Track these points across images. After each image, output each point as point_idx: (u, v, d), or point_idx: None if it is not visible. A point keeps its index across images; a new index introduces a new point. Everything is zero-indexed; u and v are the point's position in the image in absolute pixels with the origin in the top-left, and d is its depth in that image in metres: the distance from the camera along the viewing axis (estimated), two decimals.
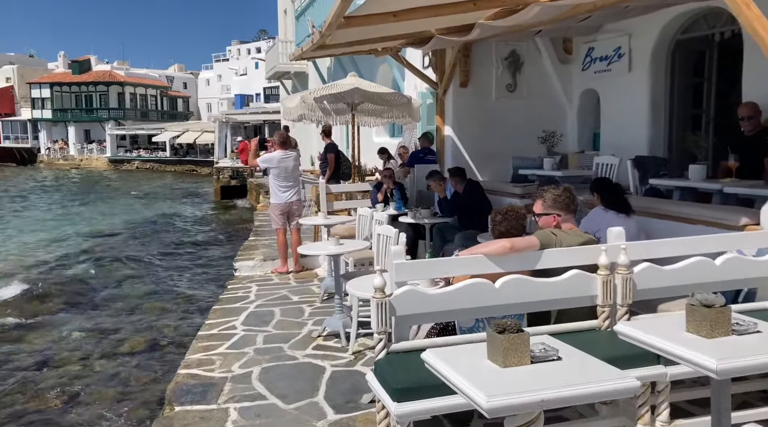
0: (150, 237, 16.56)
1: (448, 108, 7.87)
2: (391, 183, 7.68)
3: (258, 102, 52.16)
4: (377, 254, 5.44)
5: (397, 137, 13.50)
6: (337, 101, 8.24)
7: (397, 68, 12.08)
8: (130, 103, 56.11)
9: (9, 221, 20.54)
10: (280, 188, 7.59)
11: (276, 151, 7.59)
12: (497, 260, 3.02)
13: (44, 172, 47.04)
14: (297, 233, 7.75)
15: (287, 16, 25.09)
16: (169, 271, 11.91)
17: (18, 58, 64.20)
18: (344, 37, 5.59)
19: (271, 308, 6.12)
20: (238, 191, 25.02)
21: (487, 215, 6.50)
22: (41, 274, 12.30)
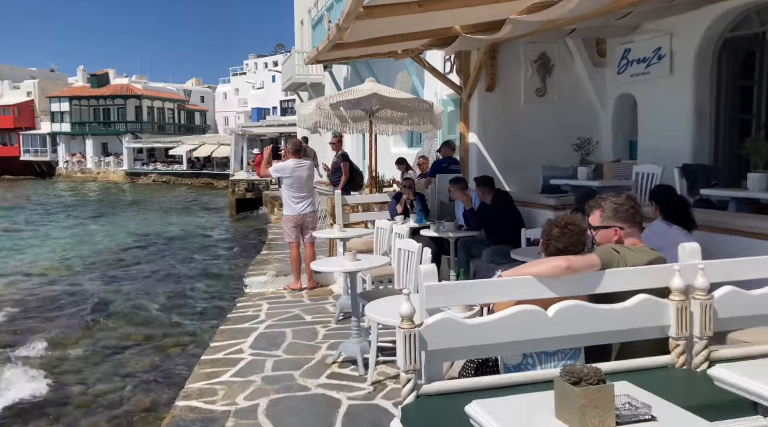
0: (162, 251, 16.20)
1: (473, 114, 7.36)
2: (411, 194, 7.18)
3: (275, 115, 52.17)
4: (398, 271, 4.93)
5: (416, 148, 13.02)
6: (355, 108, 7.81)
7: (416, 75, 11.63)
8: (147, 116, 56.41)
9: (22, 235, 20.33)
10: (293, 199, 7.12)
11: (289, 160, 7.13)
12: (549, 282, 2.49)
13: (61, 185, 47.25)
14: (311, 246, 7.26)
15: (304, 27, 24.85)
16: (180, 285, 11.47)
17: (39, 72, 65.07)
18: (363, 33, 5.12)
19: (282, 329, 5.61)
20: (253, 204, 24.71)
21: (517, 229, 5.99)
22: (47, 287, 11.95)
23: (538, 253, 2.70)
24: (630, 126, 7.68)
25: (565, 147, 7.33)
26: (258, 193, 24.70)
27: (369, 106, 7.89)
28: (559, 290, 2.52)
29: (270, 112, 54.95)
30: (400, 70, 12.52)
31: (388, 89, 7.87)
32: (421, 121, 7.85)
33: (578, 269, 2.48)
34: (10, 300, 10.82)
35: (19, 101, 57.28)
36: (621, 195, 2.83)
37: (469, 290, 2.44)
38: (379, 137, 11.61)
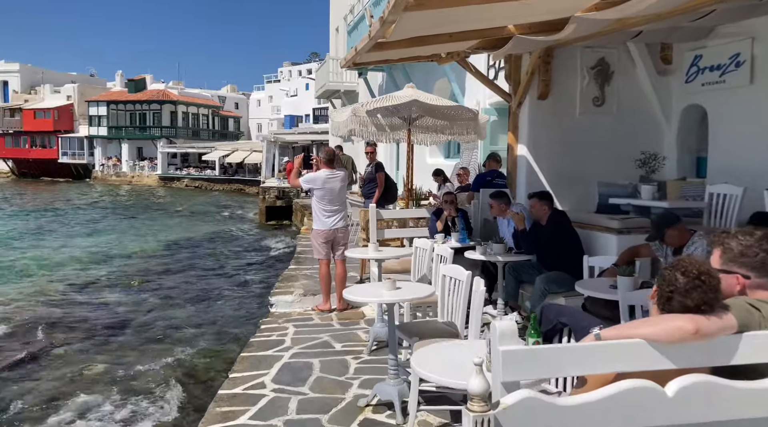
0: (188, 260, 15.83)
1: (523, 124, 6.72)
2: (453, 210, 6.56)
3: (307, 123, 52.14)
4: (442, 300, 4.31)
5: (453, 159, 12.40)
6: (392, 115, 7.25)
7: (457, 82, 11.03)
8: (182, 121, 56.95)
9: (51, 237, 20.28)
10: (324, 213, 6.56)
11: (321, 170, 6.59)
12: (667, 349, 1.85)
13: (96, 187, 47.84)
14: (342, 264, 6.70)
15: (339, 34, 24.51)
16: (203, 301, 11.00)
17: (79, 77, 66.38)
18: (408, 29, 4.56)
19: (309, 360, 5.04)
20: (283, 212, 24.34)
21: (576, 254, 5.32)
22: (71, 295, 11.64)
23: (647, 300, 2.05)
24: (697, 141, 6.95)
25: (623, 162, 6.64)
26: (288, 201, 24.33)
27: (408, 114, 7.32)
28: (679, 359, 1.88)
29: (303, 120, 54.98)
30: (439, 77, 11.93)
31: (429, 96, 7.30)
32: (464, 131, 7.24)
33: (710, 334, 1.84)
34: (28, 310, 10.52)
35: (59, 105, 58.44)
36: (753, 233, 2.16)
37: (564, 357, 1.81)
38: (415, 147, 11.06)
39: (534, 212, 5.26)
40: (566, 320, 3.00)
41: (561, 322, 3.04)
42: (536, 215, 5.27)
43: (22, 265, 14.78)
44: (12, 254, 16.44)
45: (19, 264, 15.01)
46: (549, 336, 3.08)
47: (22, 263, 15.12)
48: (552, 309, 3.13)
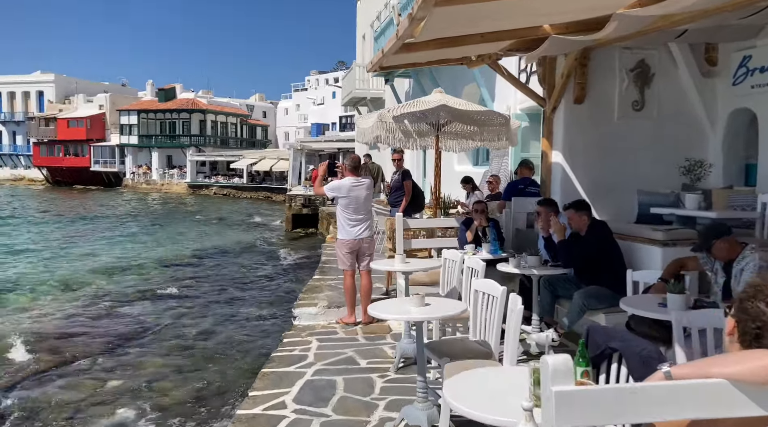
0: (214, 268, 15.74)
1: (558, 129, 6.40)
2: (484, 219, 6.25)
3: (334, 131, 52.21)
4: (475, 318, 4.02)
5: (482, 166, 12.07)
6: (420, 121, 6.98)
7: (486, 87, 10.72)
8: (210, 130, 57.59)
9: (79, 244, 20.48)
10: (348, 222, 6.33)
11: (346, 177, 6.36)
12: (758, 392, 1.54)
13: (127, 195, 48.54)
14: (367, 275, 6.45)
15: (365, 41, 24.40)
16: (228, 311, 10.84)
17: (112, 86, 67.70)
18: (437, 28, 4.31)
19: (332, 377, 4.78)
20: (309, 220, 24.26)
21: (617, 267, 4.97)
22: (96, 304, 11.60)
23: (726, 336, 1.75)
24: (744, 147, 6.53)
25: (664, 169, 6.29)
26: (314, 209, 24.25)
27: (436, 120, 7.05)
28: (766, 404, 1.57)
29: (329, 128, 55.09)
30: (467, 82, 11.64)
31: (458, 101, 7.02)
32: (495, 137, 6.94)
33: None
34: (54, 319, 10.49)
35: (91, 114, 59.64)
36: None
37: (630, 400, 1.52)
38: (442, 154, 10.78)
39: (573, 224, 4.94)
40: (617, 344, 2.68)
41: (611, 347, 2.73)
42: (575, 227, 4.94)
43: (49, 273, 14.86)
44: (40, 262, 16.59)
45: (47, 272, 15.12)
46: (596, 362, 2.77)
47: (49, 271, 15.21)
48: (599, 332, 2.83)
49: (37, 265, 16.15)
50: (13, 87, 64.84)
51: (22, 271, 15.29)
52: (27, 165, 63.95)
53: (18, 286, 13.19)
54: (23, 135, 63.78)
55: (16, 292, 12.46)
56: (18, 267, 15.81)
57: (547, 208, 5.21)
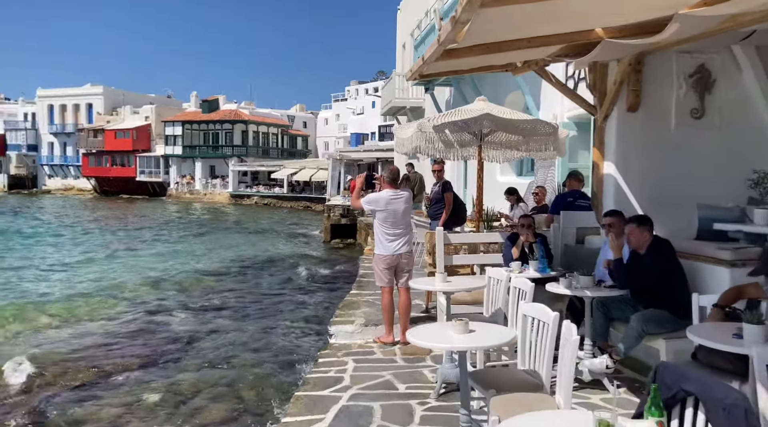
0: (252, 279, 15.70)
1: (610, 139, 6.01)
2: (531, 235, 5.90)
3: (373, 140, 52.24)
4: (523, 345, 3.69)
5: (527, 177, 11.65)
6: (462, 130, 6.68)
7: (531, 95, 10.35)
8: (252, 140, 58.41)
9: (122, 254, 20.80)
10: (386, 236, 6.06)
11: (384, 190, 6.11)
12: None
13: (171, 205, 49.53)
14: (406, 293, 6.16)
15: (405, 50, 24.24)
16: (264, 324, 10.69)
17: (157, 98, 69.52)
18: (482, 33, 4.03)
19: (369, 403, 4.51)
20: (348, 230, 24.16)
21: (680, 289, 4.56)
22: (135, 314, 11.64)
23: None
24: None
25: (728, 181, 5.82)
26: (353, 219, 24.13)
27: (479, 129, 6.74)
28: None
29: (368, 138, 55.15)
30: (511, 89, 11.27)
31: (502, 109, 6.70)
32: (542, 147, 6.58)
33: None
34: (92, 329, 10.55)
35: (137, 125, 61.29)
36: None
37: None
38: (485, 164, 10.44)
39: (632, 240, 4.54)
40: (693, 388, 2.33)
41: (684, 390, 2.38)
42: (635, 244, 4.54)
43: (90, 283, 15.07)
44: (80, 272, 16.86)
45: (88, 282, 15.35)
46: (667, 405, 2.42)
47: (90, 281, 15.43)
48: (670, 372, 2.47)
49: (79, 275, 16.43)
50: (65, 100, 67.25)
51: (64, 281, 15.58)
52: (76, 175, 66.10)
53: (58, 296, 13.38)
54: (73, 146, 66.02)
55: (55, 303, 12.60)
56: (60, 277, 16.12)
57: (613, 218, 4.62)
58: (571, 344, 2.99)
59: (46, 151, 68.81)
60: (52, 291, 14.01)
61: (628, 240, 4.57)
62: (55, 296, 13.41)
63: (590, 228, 6.41)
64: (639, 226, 4.52)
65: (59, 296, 13.32)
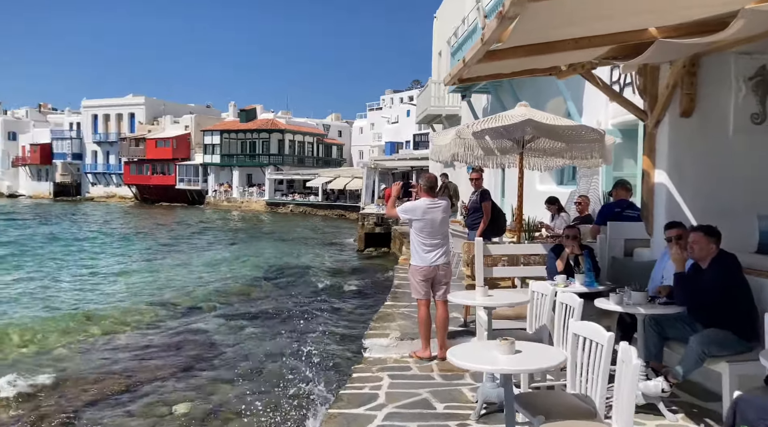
0: (286, 286, 15.63)
1: (662, 146, 5.66)
2: (576, 246, 5.58)
3: (407, 149, 52.09)
4: (574, 369, 3.41)
5: (569, 185, 11.27)
6: (502, 137, 6.43)
7: (573, 101, 10.00)
8: (288, 149, 58.95)
9: (154, 262, 21.02)
10: (423, 247, 5.83)
11: (421, 198, 5.88)
12: None
13: (208, 212, 50.21)
14: (443, 306, 5.91)
15: (441, 58, 24.03)
16: (297, 333, 10.54)
17: (197, 108, 70.90)
18: (528, 30, 3.78)
19: (405, 424, 4.27)
20: (382, 239, 23.99)
21: (747, 308, 4.19)
22: (168, 321, 11.64)
23: None
24: None
25: None
26: (387, 228, 23.96)
27: (521, 136, 6.47)
28: None
29: (403, 146, 55.02)
30: (552, 96, 10.93)
31: (545, 115, 6.42)
32: (587, 154, 6.26)
33: None
34: (124, 336, 10.57)
35: (177, 134, 62.54)
36: None
37: None
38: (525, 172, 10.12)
39: (696, 250, 4.19)
40: None
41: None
42: (698, 255, 4.20)
43: (126, 292, 15.21)
44: (114, 279, 17.07)
45: (122, 288, 15.51)
46: None
47: (127, 289, 15.57)
48: (752, 406, 2.18)
49: (115, 283, 16.63)
50: (108, 110, 69.16)
51: (100, 288, 15.78)
52: (118, 183, 67.76)
53: (97, 305, 13.52)
54: (116, 154, 67.76)
55: (95, 311, 12.72)
56: (97, 286, 16.33)
57: (708, 237, 4.23)
58: (632, 369, 2.71)
59: (90, 159, 70.80)
60: (92, 299, 14.19)
61: (690, 249, 4.22)
62: (94, 304, 13.56)
63: (639, 240, 6.06)
64: (707, 236, 4.18)
65: (98, 305, 13.47)
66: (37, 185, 73.11)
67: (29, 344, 10.12)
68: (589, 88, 9.61)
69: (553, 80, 10.73)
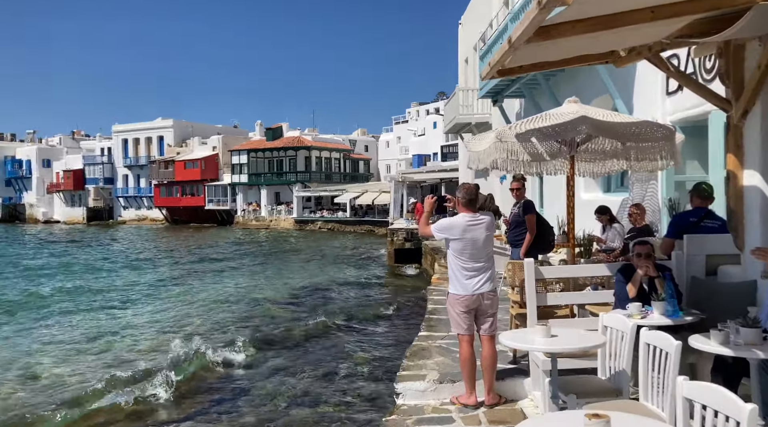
0: (309, 313, 14.66)
1: (752, 141, 4.63)
2: (652, 267, 4.57)
3: (435, 161, 51.17)
4: None
5: (618, 193, 10.18)
6: (550, 139, 5.45)
7: (621, 98, 8.95)
8: (315, 166, 58.56)
9: (180, 286, 20.40)
10: (463, 272, 4.89)
11: (459, 214, 4.95)
12: None
13: (238, 232, 49.82)
14: (490, 342, 4.95)
15: (468, 65, 23.14)
16: (324, 366, 9.62)
17: (224, 128, 71.21)
18: (583, 7, 2.86)
19: None
20: (413, 255, 23.04)
21: None
22: (188, 352, 10.86)
23: None
24: None
25: None
26: (417, 243, 23.02)
27: (573, 136, 5.50)
28: None
29: (430, 159, 54.14)
30: (596, 94, 9.89)
31: (600, 111, 5.46)
32: (654, 155, 5.25)
33: None
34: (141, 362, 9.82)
35: (205, 155, 62.74)
36: None
37: None
38: (561, 179, 9.15)
39: None
40: None
41: None
42: None
43: (147, 319, 14.56)
44: (138, 307, 16.45)
45: (146, 316, 14.86)
46: None
47: (147, 316, 14.92)
48: None
49: (142, 308, 16.01)
50: (138, 134, 69.97)
51: (118, 314, 15.15)
52: (149, 206, 68.24)
53: (104, 333, 12.86)
54: (146, 177, 68.34)
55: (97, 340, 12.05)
56: (112, 310, 15.72)
57: None
58: None
59: (121, 183, 71.59)
60: (113, 324, 13.57)
61: None
62: (116, 328, 12.92)
63: (725, 255, 5.02)
64: None
65: (117, 330, 12.84)
66: (71, 211, 74.14)
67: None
68: (640, 83, 8.58)
69: (596, 77, 9.73)
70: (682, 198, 7.54)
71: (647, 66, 7.92)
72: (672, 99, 7.54)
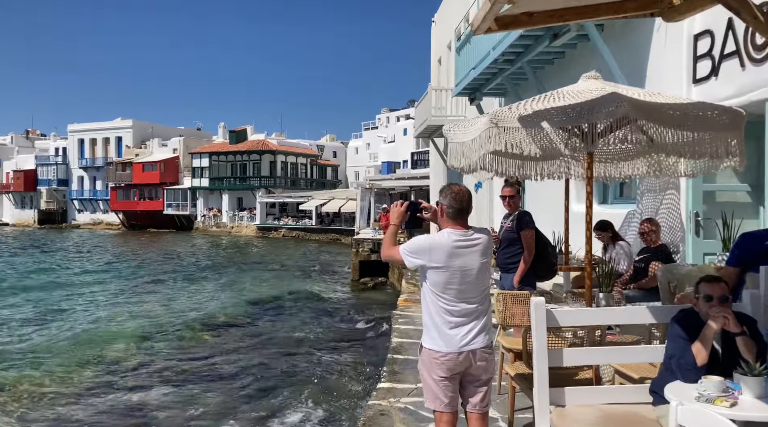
0: (269, 332, 12.86)
1: None
2: (733, 320, 2.98)
3: (405, 168, 49.72)
4: None
5: (618, 205, 8.64)
6: (575, 123, 3.83)
7: (629, 82, 7.44)
8: (280, 171, 56.56)
9: (132, 293, 18.33)
10: (446, 318, 3.20)
11: (443, 230, 3.28)
12: None
13: (197, 239, 47.37)
14: (482, 421, 3.30)
15: (441, 65, 21.71)
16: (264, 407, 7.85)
17: (186, 130, 68.50)
18: None
19: None
20: (379, 268, 21.38)
21: None
22: (100, 383, 8.95)
23: None
24: None
25: None
26: None
27: (592, 123, 3.89)
28: None
29: (401, 166, 52.69)
30: None
31: (632, 89, 3.92)
32: (720, 150, 3.70)
33: None
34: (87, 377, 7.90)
35: (165, 158, 60.09)
36: None
37: None
38: (551, 187, 7.70)
39: None
40: None
41: None
42: None
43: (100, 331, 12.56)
44: (76, 318, 14.39)
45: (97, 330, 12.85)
46: None
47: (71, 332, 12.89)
48: None
49: (69, 323, 13.93)
50: (95, 134, 66.85)
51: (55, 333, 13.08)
52: (105, 209, 65.15)
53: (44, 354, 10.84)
54: (103, 180, 65.23)
55: None
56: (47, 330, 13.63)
57: None
58: None
59: (76, 185, 68.26)
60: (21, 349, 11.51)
61: None
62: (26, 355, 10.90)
63: None
64: None
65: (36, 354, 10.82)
66: (20, 213, 70.43)
67: None
68: (654, 69, 7.01)
69: (595, 64, 8.11)
70: (712, 212, 6.06)
71: (665, 48, 6.43)
72: (701, 88, 6.06)
